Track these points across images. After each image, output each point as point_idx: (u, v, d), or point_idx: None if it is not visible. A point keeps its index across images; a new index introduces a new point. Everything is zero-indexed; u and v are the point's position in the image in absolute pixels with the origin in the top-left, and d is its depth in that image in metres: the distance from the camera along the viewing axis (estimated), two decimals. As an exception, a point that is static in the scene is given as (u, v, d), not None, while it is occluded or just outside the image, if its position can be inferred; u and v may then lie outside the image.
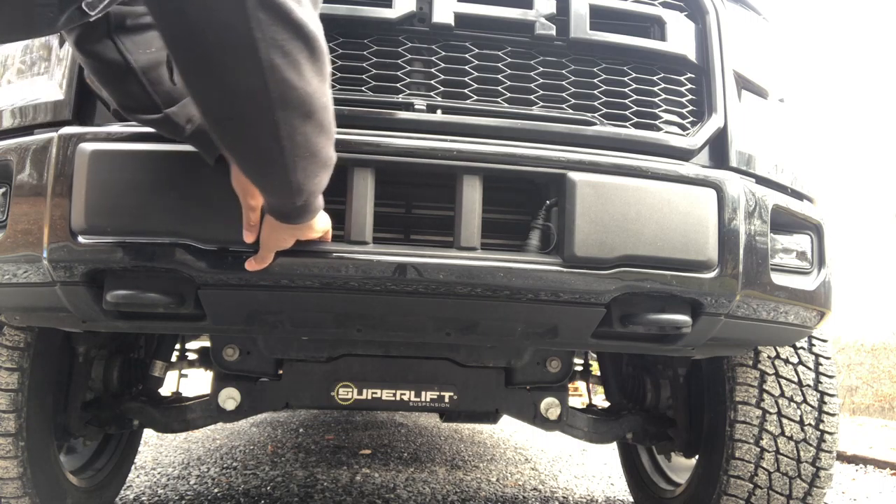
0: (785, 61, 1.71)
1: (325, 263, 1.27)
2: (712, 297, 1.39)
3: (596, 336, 1.48)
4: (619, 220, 1.29)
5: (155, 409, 2.01)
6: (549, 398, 2.05)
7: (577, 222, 1.28)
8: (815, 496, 1.83)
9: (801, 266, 1.54)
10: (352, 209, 1.27)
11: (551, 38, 1.41)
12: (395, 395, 1.92)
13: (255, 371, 1.95)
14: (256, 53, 0.84)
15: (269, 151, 0.96)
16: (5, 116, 1.41)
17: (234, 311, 1.42)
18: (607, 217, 1.29)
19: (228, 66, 0.86)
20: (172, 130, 1.19)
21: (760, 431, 1.81)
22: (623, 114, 1.44)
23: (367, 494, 2.62)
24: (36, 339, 1.73)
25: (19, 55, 1.47)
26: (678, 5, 1.52)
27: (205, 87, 0.91)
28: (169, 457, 3.40)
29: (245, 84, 0.88)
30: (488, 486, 2.98)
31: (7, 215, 1.32)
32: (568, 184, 1.29)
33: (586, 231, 1.28)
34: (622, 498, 2.91)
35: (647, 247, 1.31)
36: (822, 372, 1.87)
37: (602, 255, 1.29)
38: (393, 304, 1.37)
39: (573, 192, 1.29)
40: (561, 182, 1.31)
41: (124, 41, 1.11)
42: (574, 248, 1.28)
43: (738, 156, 1.48)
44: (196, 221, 1.23)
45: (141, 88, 1.15)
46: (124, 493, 2.51)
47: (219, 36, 0.83)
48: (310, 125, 0.96)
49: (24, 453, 1.70)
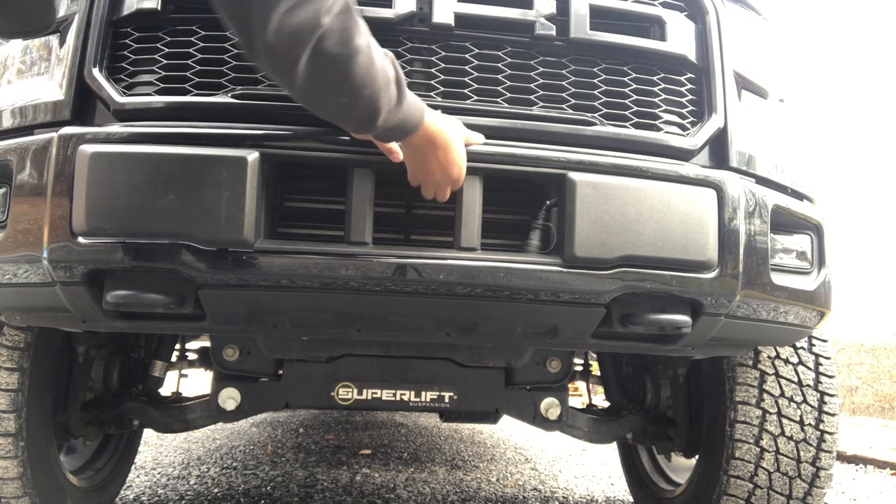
0: (785, 61, 1.71)
1: (325, 263, 1.27)
2: (712, 297, 1.39)
3: (596, 336, 1.48)
4: (619, 220, 1.29)
5: (155, 409, 2.01)
6: (549, 398, 2.05)
7: (577, 222, 1.28)
8: (815, 496, 1.83)
9: (801, 266, 1.54)
10: (352, 209, 1.27)
11: (551, 39, 1.41)
12: (395, 395, 1.92)
13: (255, 371, 1.95)
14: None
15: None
16: (5, 116, 1.41)
17: (234, 311, 1.42)
18: (607, 217, 1.29)
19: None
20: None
21: (760, 431, 1.81)
22: (623, 114, 1.44)
23: (367, 494, 2.62)
24: (36, 339, 1.73)
25: (19, 55, 1.47)
26: (678, 5, 1.52)
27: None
28: (169, 457, 3.40)
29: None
30: (488, 486, 2.98)
31: (7, 215, 1.31)
32: (568, 184, 1.29)
33: (586, 231, 1.28)
34: (622, 498, 2.91)
35: (648, 247, 1.31)
36: (822, 372, 1.87)
37: (602, 255, 1.29)
38: (393, 304, 1.37)
39: (573, 193, 1.29)
40: (561, 182, 1.31)
41: None
42: (574, 249, 1.28)
43: (738, 156, 1.48)
44: (196, 222, 1.22)
45: None
46: (124, 493, 2.51)
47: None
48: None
49: (24, 453, 1.70)
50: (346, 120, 1.20)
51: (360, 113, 1.13)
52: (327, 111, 1.18)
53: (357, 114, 1.14)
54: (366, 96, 1.10)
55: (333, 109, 1.16)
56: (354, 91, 1.09)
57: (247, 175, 1.22)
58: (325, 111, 1.18)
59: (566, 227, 1.28)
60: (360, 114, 1.13)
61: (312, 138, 1.29)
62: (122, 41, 1.37)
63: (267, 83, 1.34)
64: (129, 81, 1.36)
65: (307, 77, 1.05)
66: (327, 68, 1.06)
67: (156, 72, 1.36)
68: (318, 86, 1.09)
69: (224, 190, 1.20)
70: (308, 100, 1.16)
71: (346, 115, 1.17)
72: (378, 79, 1.10)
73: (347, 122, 1.21)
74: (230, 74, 1.35)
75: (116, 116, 1.32)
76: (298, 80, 1.06)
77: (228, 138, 1.27)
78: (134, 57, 1.37)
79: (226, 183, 1.19)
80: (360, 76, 1.07)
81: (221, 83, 1.35)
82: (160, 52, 1.36)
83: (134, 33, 1.37)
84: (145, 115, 1.32)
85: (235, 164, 1.22)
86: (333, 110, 1.16)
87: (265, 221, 1.28)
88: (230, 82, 1.35)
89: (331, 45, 1.03)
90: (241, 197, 1.21)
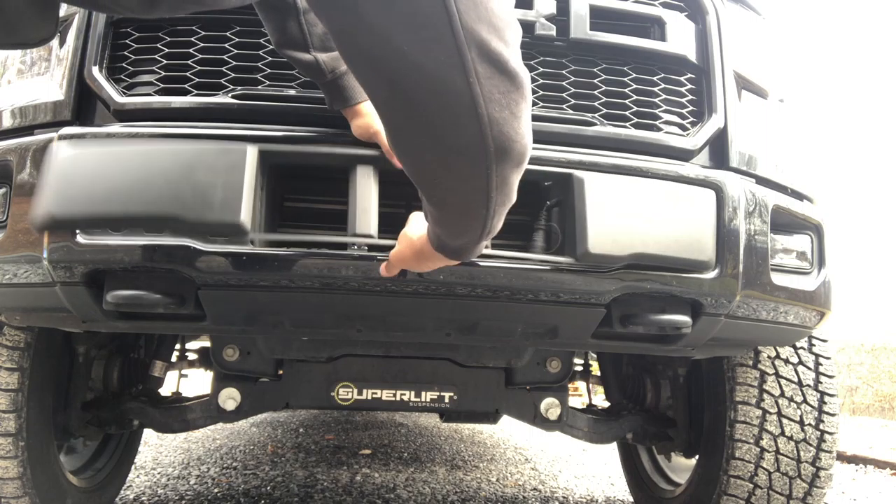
0: (785, 61, 1.71)
1: (325, 264, 1.27)
2: (712, 297, 1.39)
3: (596, 336, 1.48)
4: (627, 218, 1.28)
5: (155, 409, 2.01)
6: (550, 398, 2.05)
7: (588, 220, 1.25)
8: (815, 496, 1.83)
9: (801, 266, 1.54)
10: (356, 207, 1.25)
11: (551, 39, 1.41)
12: (395, 395, 1.92)
13: (255, 371, 1.95)
14: (476, 109, 0.77)
15: (475, 203, 0.88)
16: (5, 116, 1.41)
17: (234, 311, 1.42)
18: (616, 215, 1.27)
19: (447, 125, 0.79)
20: (316, 74, 1.26)
21: (760, 431, 1.81)
22: (623, 114, 1.44)
23: (367, 494, 2.62)
24: (36, 339, 1.73)
25: (19, 55, 1.47)
26: (678, 5, 1.52)
27: (418, 148, 0.85)
28: (169, 457, 3.40)
29: (463, 141, 0.80)
30: (488, 486, 2.98)
31: (7, 215, 1.32)
32: (575, 183, 1.28)
33: (598, 229, 1.26)
34: (622, 498, 2.91)
35: (655, 246, 1.29)
36: (822, 372, 1.87)
37: (615, 252, 1.26)
38: (393, 304, 1.37)
39: (582, 191, 1.27)
40: (567, 182, 1.30)
41: None
42: (588, 246, 1.25)
43: (739, 156, 1.48)
44: (192, 209, 1.16)
45: (298, 27, 1.22)
46: (124, 493, 2.51)
47: (435, 96, 0.76)
48: (517, 172, 0.87)
49: (24, 453, 1.70)
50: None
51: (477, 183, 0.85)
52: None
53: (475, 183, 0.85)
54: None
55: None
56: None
57: (245, 168, 1.18)
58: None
59: (577, 225, 1.26)
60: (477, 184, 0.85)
61: (313, 138, 1.29)
62: (123, 41, 1.37)
63: (267, 83, 1.34)
64: (130, 82, 1.36)
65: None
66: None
67: (156, 72, 1.36)
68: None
69: (222, 179, 1.16)
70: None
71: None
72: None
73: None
74: (230, 74, 1.35)
75: (117, 117, 1.33)
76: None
77: (228, 139, 1.27)
78: (134, 57, 1.37)
79: (224, 173, 1.16)
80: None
81: (221, 83, 1.35)
82: (160, 53, 1.36)
83: (134, 33, 1.37)
84: (145, 115, 1.32)
85: (235, 155, 1.19)
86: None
87: (265, 221, 1.27)
88: (230, 82, 1.35)
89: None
90: (238, 185, 1.16)
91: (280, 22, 1.23)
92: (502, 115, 0.79)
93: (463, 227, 0.96)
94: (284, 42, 1.25)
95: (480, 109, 0.77)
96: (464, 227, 0.96)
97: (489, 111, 0.78)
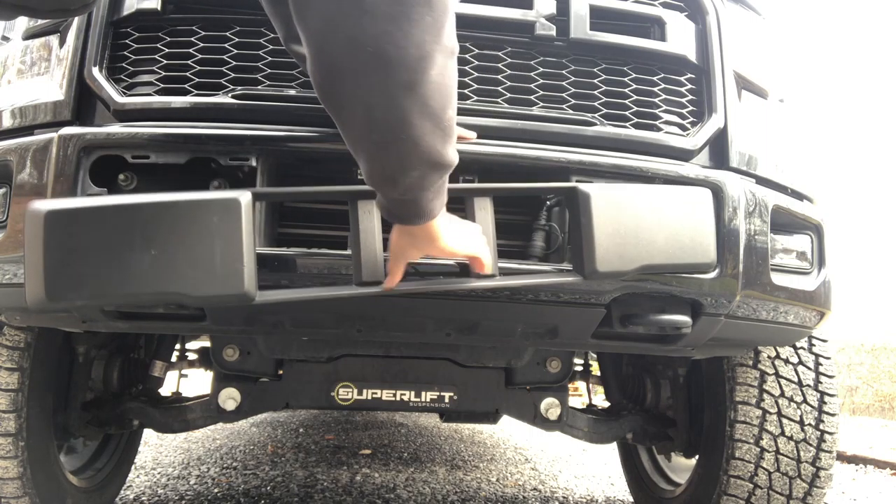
0: (785, 61, 1.71)
1: (324, 264, 1.27)
2: (712, 297, 1.39)
3: (596, 336, 1.48)
4: (632, 228, 1.21)
5: (155, 409, 2.01)
6: (550, 398, 2.05)
7: (595, 237, 1.18)
8: (815, 496, 1.83)
9: (801, 266, 1.54)
10: (359, 254, 1.18)
11: (551, 39, 1.41)
12: (395, 395, 1.92)
13: (255, 371, 1.95)
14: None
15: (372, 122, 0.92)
16: (5, 117, 1.41)
17: (234, 311, 1.41)
18: (620, 231, 1.20)
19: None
20: None
21: (760, 431, 1.81)
22: (623, 114, 1.44)
23: (367, 494, 2.62)
24: (36, 339, 1.73)
25: (19, 55, 1.47)
26: (678, 5, 1.52)
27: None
28: (169, 457, 3.40)
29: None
30: (488, 486, 2.98)
31: (7, 215, 1.31)
32: (581, 198, 1.19)
33: (605, 246, 1.18)
34: (622, 498, 2.91)
35: (661, 255, 1.23)
36: (822, 372, 1.87)
37: (622, 268, 1.20)
38: (393, 304, 1.37)
39: (588, 206, 1.18)
40: (573, 196, 1.22)
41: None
42: (596, 265, 1.18)
43: (739, 156, 1.48)
44: (202, 294, 1.11)
45: None
46: (124, 493, 2.51)
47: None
48: (410, 93, 0.88)
49: (24, 453, 1.70)
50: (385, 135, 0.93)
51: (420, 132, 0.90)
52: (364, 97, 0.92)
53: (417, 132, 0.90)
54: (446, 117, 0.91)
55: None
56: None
57: (241, 226, 1.03)
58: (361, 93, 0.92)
59: (584, 244, 1.18)
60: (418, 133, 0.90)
61: (313, 138, 1.29)
62: (123, 41, 1.37)
63: (267, 83, 1.34)
64: (130, 81, 1.36)
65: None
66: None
67: (156, 72, 1.36)
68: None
69: (220, 247, 1.03)
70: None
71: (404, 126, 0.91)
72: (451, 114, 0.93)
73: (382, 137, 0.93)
74: (230, 74, 1.35)
75: (116, 117, 1.32)
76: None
77: (228, 139, 1.27)
78: (134, 57, 1.37)
79: (222, 239, 1.04)
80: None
81: (221, 83, 1.35)
82: (160, 53, 1.36)
83: (134, 33, 1.37)
84: (145, 115, 1.32)
85: (229, 212, 1.04)
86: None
87: (265, 237, 1.27)
88: (230, 82, 1.35)
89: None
90: (238, 249, 1.03)
91: (287, 17, 1.21)
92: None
93: (381, 159, 0.95)
94: (291, 37, 1.25)
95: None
96: (381, 159, 0.95)
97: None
